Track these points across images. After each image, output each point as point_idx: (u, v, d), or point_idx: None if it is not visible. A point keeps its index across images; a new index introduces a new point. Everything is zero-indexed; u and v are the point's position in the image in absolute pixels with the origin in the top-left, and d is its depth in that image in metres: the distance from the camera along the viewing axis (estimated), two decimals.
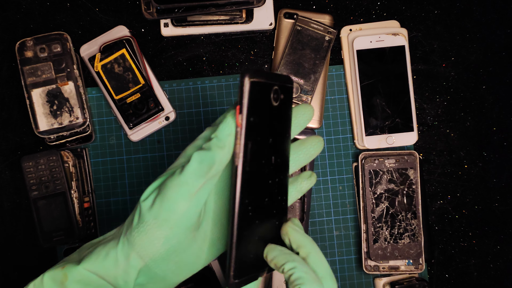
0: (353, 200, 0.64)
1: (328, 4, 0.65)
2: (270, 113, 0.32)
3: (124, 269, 0.34)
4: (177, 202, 0.32)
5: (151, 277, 0.34)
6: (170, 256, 0.33)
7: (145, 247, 0.33)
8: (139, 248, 0.33)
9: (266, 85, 0.32)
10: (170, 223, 0.32)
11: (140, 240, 0.33)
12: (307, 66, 0.62)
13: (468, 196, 0.64)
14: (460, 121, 0.65)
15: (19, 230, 0.63)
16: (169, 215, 0.32)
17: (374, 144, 0.62)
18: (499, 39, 0.65)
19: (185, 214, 0.32)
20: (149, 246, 0.33)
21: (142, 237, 0.33)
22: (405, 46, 0.62)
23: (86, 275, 0.34)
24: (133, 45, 0.61)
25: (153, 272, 0.34)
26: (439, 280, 0.64)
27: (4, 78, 0.63)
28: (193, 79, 0.64)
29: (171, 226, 0.32)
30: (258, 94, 0.31)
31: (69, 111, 0.59)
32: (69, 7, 0.64)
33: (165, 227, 0.32)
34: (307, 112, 0.38)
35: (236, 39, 0.64)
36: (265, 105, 0.32)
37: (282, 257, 0.32)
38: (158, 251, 0.33)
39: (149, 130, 0.62)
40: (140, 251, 0.33)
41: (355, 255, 0.64)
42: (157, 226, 0.32)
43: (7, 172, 0.63)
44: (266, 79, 0.32)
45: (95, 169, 0.63)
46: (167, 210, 0.32)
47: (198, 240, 0.34)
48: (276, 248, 0.33)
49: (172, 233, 0.32)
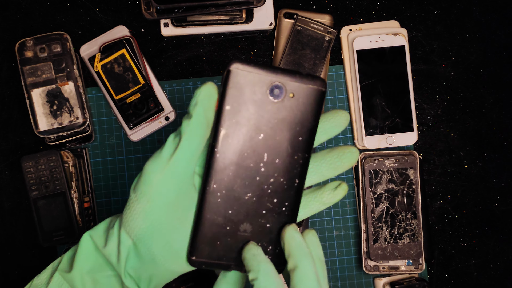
0: (353, 200, 0.64)
1: (328, 4, 0.65)
2: (263, 109, 0.32)
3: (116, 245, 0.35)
4: (151, 174, 0.33)
5: (141, 258, 0.34)
6: (154, 234, 0.34)
7: (129, 223, 0.34)
8: (125, 223, 0.34)
9: (259, 78, 0.31)
10: (147, 196, 0.33)
11: (126, 215, 0.34)
12: (307, 66, 0.62)
13: (468, 196, 0.64)
14: (460, 121, 0.65)
15: (19, 230, 0.63)
16: (145, 188, 0.33)
17: (374, 144, 0.62)
18: (499, 39, 0.65)
19: (160, 186, 0.33)
20: (132, 221, 0.34)
21: (127, 213, 0.34)
22: (405, 46, 0.62)
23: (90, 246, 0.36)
24: (133, 45, 0.61)
25: (141, 252, 0.34)
26: (439, 280, 0.64)
27: (4, 78, 0.63)
28: (193, 79, 0.64)
29: (148, 199, 0.33)
30: (244, 85, 0.31)
31: (69, 111, 0.59)
32: (69, 7, 0.64)
33: (143, 200, 0.33)
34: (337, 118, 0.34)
35: (236, 39, 0.64)
36: (256, 99, 0.31)
37: (251, 261, 0.31)
38: (139, 227, 0.33)
39: (149, 130, 0.62)
40: (126, 227, 0.34)
41: (355, 255, 0.64)
42: (136, 200, 0.33)
43: (7, 172, 0.63)
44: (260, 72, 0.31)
45: (95, 169, 0.63)
46: (143, 183, 0.33)
47: (186, 224, 0.34)
48: (252, 249, 0.32)
49: (150, 207, 0.33)
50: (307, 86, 0.32)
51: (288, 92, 0.32)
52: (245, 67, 0.31)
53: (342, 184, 0.35)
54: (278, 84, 0.32)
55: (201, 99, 0.31)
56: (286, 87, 0.32)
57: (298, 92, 0.32)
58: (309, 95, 0.32)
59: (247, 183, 0.32)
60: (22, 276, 0.63)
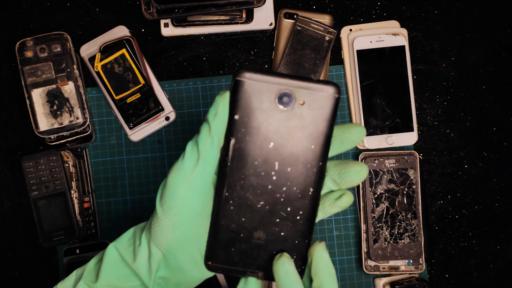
0: (353, 200, 0.64)
1: (328, 4, 0.65)
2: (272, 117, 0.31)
3: (146, 258, 0.35)
4: (176, 187, 0.33)
5: (170, 268, 0.35)
6: (183, 245, 0.34)
7: (158, 236, 0.34)
8: (154, 237, 0.35)
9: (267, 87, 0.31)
10: (174, 210, 0.33)
11: (154, 229, 0.35)
12: (307, 66, 0.62)
13: (468, 196, 0.64)
14: (460, 121, 0.65)
15: (19, 230, 0.63)
16: (172, 202, 0.33)
17: (374, 144, 0.62)
18: (499, 39, 0.65)
19: (186, 199, 0.33)
20: (161, 235, 0.34)
21: (155, 227, 0.35)
22: (405, 46, 0.62)
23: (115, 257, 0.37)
24: (133, 45, 0.61)
25: (170, 263, 0.35)
26: (439, 280, 0.64)
27: (4, 78, 0.63)
28: (193, 79, 0.64)
29: (176, 212, 0.33)
30: (252, 94, 0.31)
31: (69, 111, 0.59)
32: (69, 7, 0.64)
33: (171, 214, 0.34)
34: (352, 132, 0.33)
35: (236, 39, 0.64)
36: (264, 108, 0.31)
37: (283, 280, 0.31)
38: (169, 240, 0.34)
39: (149, 130, 0.62)
40: (156, 241, 0.35)
41: (355, 255, 0.64)
42: (164, 214, 0.34)
43: (7, 172, 0.63)
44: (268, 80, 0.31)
45: (95, 169, 0.63)
46: (169, 197, 0.33)
47: None
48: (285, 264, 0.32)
49: (178, 220, 0.34)
50: (318, 93, 0.31)
51: (298, 100, 0.31)
52: (252, 76, 0.31)
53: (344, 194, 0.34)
54: (286, 92, 0.31)
55: (221, 109, 0.31)
56: (296, 94, 0.31)
57: (309, 99, 0.31)
58: (321, 102, 0.31)
59: (259, 191, 0.32)
60: (22, 276, 0.63)
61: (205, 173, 0.33)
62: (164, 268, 0.35)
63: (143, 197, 0.63)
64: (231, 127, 0.31)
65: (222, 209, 0.32)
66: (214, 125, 0.32)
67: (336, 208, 0.34)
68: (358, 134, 0.33)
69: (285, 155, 0.32)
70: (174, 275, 0.36)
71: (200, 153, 0.32)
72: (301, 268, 0.33)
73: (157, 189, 0.64)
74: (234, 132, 0.31)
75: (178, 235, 0.34)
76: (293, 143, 0.32)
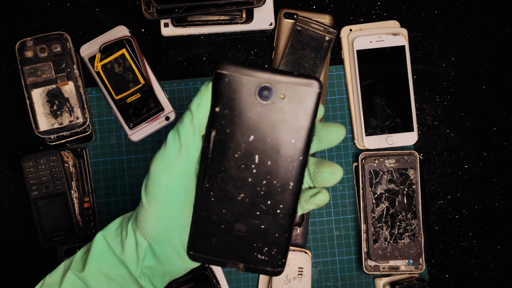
0: (353, 200, 0.64)
1: (328, 4, 0.65)
2: (252, 110, 0.31)
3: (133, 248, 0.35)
4: (159, 176, 0.33)
5: (156, 258, 0.35)
6: (167, 235, 0.35)
7: (143, 226, 0.35)
8: (140, 227, 0.35)
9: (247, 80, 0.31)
10: (158, 198, 0.34)
11: (139, 219, 0.35)
12: (307, 66, 0.62)
13: (468, 196, 0.64)
14: (460, 121, 0.65)
15: (19, 230, 0.63)
16: (156, 190, 0.34)
17: (374, 144, 0.62)
18: (499, 39, 0.65)
19: (170, 188, 0.33)
20: (146, 224, 0.35)
21: (140, 216, 0.35)
22: (405, 46, 0.62)
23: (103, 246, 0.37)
24: (133, 45, 0.61)
25: (156, 252, 0.35)
26: (439, 280, 0.64)
27: (4, 78, 0.63)
28: (193, 79, 0.64)
29: (160, 201, 0.34)
30: (233, 87, 0.31)
31: (69, 111, 0.59)
32: (69, 7, 0.64)
33: (155, 202, 0.34)
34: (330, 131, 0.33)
35: (236, 39, 0.64)
36: (245, 101, 0.31)
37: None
38: (154, 229, 0.34)
39: (149, 130, 0.62)
40: (142, 230, 0.35)
41: (355, 255, 0.64)
42: (148, 203, 0.34)
43: (7, 172, 0.63)
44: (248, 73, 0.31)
45: (95, 169, 0.63)
46: (153, 186, 0.34)
47: None
48: None
49: (162, 209, 0.34)
50: (298, 87, 0.31)
51: (278, 94, 0.31)
52: (233, 69, 0.31)
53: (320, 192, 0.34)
54: (266, 86, 0.31)
55: (204, 100, 0.32)
56: (276, 88, 0.31)
57: (289, 94, 0.31)
58: (302, 96, 0.31)
59: (240, 183, 0.32)
60: (22, 276, 0.63)
61: (188, 162, 0.33)
62: (150, 257, 0.36)
63: None
64: (212, 119, 0.32)
65: (203, 200, 0.33)
66: (197, 115, 0.32)
67: (311, 205, 0.34)
68: (335, 134, 0.34)
69: (265, 148, 0.32)
70: (160, 265, 0.36)
71: (182, 141, 0.32)
72: (281, 261, 0.33)
73: None
74: (215, 124, 0.32)
75: (162, 224, 0.34)
76: (273, 137, 0.32)
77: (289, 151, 0.32)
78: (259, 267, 0.33)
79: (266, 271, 0.34)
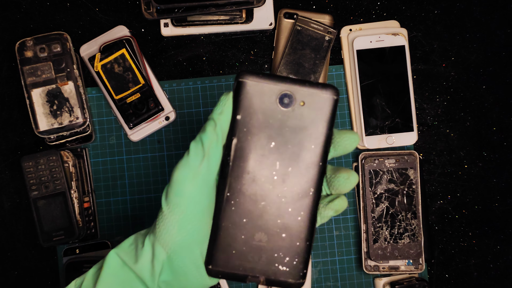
0: (353, 200, 0.64)
1: (328, 4, 0.65)
2: (273, 117, 0.32)
3: (149, 260, 0.35)
4: (182, 184, 0.33)
5: (174, 271, 0.34)
6: (189, 246, 0.34)
7: (163, 236, 0.34)
8: (159, 237, 0.34)
9: (268, 88, 0.32)
10: (181, 207, 0.33)
11: (159, 229, 0.34)
12: (307, 66, 0.62)
13: (468, 196, 0.64)
14: (460, 121, 0.65)
15: (19, 230, 0.63)
16: (178, 199, 0.33)
17: (374, 144, 0.62)
18: (499, 39, 0.65)
19: (193, 196, 0.33)
20: (166, 234, 0.34)
21: (160, 226, 0.34)
22: (405, 46, 0.62)
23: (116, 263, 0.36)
24: (133, 45, 0.61)
25: (174, 265, 0.34)
26: (439, 280, 0.64)
27: (4, 78, 0.63)
28: (193, 79, 0.64)
29: (182, 210, 0.33)
30: (254, 95, 0.32)
31: (69, 111, 0.59)
32: (69, 7, 0.64)
33: (177, 211, 0.33)
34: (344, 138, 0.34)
35: (236, 39, 0.64)
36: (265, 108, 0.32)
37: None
38: (175, 239, 0.34)
39: (149, 130, 0.62)
40: (161, 241, 0.34)
41: (355, 255, 0.64)
42: (170, 211, 0.33)
43: (7, 172, 0.63)
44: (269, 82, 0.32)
45: (95, 169, 0.63)
46: (175, 194, 0.33)
47: None
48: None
49: (184, 218, 0.33)
50: (317, 94, 0.32)
51: (298, 101, 0.32)
52: (254, 78, 0.32)
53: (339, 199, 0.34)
54: (287, 93, 0.32)
55: (226, 108, 0.32)
56: (296, 95, 0.32)
57: (309, 100, 0.32)
58: (320, 103, 0.32)
59: (261, 191, 0.32)
60: (22, 276, 0.63)
61: (209, 171, 0.33)
62: (167, 271, 0.35)
63: (143, 197, 0.63)
64: (233, 127, 0.32)
65: (223, 210, 0.32)
66: (220, 123, 0.32)
67: (329, 210, 0.34)
68: (350, 141, 0.34)
69: (286, 154, 0.32)
70: (177, 280, 0.35)
71: (205, 149, 0.32)
72: (302, 272, 0.33)
73: (157, 189, 0.64)
74: (237, 131, 0.32)
75: (184, 234, 0.33)
76: (293, 143, 0.32)
77: (309, 157, 0.32)
78: (281, 279, 0.33)
79: (287, 284, 0.33)
